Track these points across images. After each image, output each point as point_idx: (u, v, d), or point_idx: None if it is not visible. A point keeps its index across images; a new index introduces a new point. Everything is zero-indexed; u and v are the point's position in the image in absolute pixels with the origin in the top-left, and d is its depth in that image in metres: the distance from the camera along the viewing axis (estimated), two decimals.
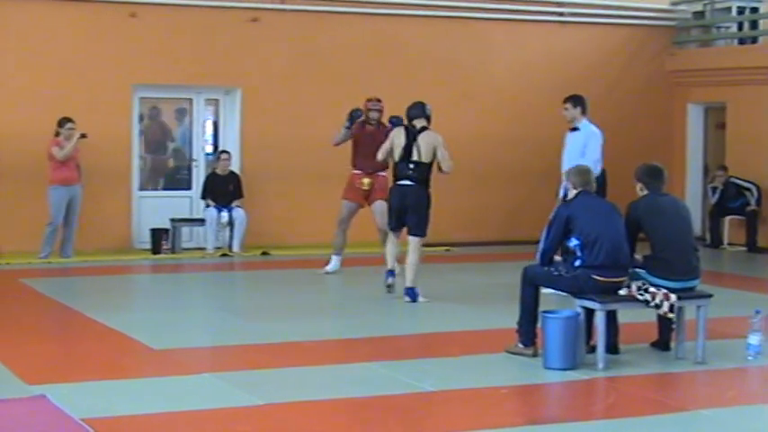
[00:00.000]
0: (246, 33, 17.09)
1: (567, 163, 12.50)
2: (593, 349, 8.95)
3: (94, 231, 16.14)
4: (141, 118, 17.10)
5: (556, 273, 8.97)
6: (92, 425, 6.81)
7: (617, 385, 8.42)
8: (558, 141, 18.48)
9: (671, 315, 8.91)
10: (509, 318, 9.56)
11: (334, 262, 14.15)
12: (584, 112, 12.82)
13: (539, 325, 9.06)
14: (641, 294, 8.87)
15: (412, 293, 12.05)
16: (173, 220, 16.50)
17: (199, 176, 17.28)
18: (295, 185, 17.17)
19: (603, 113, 19.09)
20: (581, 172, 9.31)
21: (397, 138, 12.29)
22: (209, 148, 17.65)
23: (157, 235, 16.28)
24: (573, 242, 8.91)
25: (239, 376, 8.53)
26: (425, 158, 12.15)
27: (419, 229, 12.16)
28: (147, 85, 16.83)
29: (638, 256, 9.22)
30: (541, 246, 9.11)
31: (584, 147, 12.56)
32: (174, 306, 12.13)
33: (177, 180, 17.66)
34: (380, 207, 13.47)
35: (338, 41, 17.66)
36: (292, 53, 17.41)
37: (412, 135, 12.20)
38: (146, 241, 16.55)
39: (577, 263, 8.89)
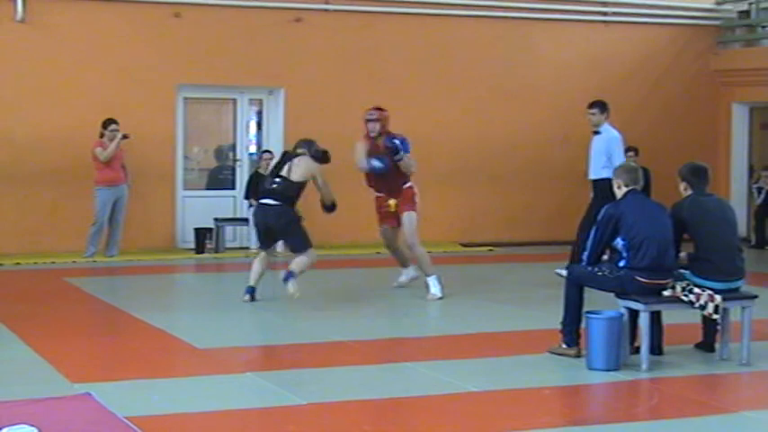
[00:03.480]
0: (290, 33, 17.13)
1: (593, 166, 13.46)
2: (636, 350, 8.91)
3: (139, 231, 16.25)
4: None
5: (600, 273, 8.93)
6: (136, 423, 6.84)
7: (660, 386, 8.37)
8: None
9: (715, 316, 8.86)
10: (552, 318, 9.53)
11: (405, 273, 13.09)
12: (607, 117, 13.54)
13: (582, 325, 9.03)
14: (686, 295, 8.81)
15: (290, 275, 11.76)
16: (216, 220, 16.58)
17: (243, 176, 17.35)
18: (338, 184, 17.07)
19: (647, 113, 19.11)
20: (629, 170, 9.22)
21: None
22: (253, 148, 17.72)
23: (201, 234, 16.37)
24: (619, 243, 8.87)
25: (282, 376, 8.55)
26: (295, 177, 11.97)
27: (300, 247, 12.00)
28: (191, 85, 16.91)
29: (682, 254, 9.15)
30: (588, 246, 9.05)
31: (606, 150, 13.30)
32: (217, 305, 12.17)
33: (221, 180, 17.75)
34: (406, 219, 12.46)
35: (381, 42, 17.68)
36: (336, 53, 17.44)
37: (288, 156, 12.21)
38: (190, 241, 16.65)
39: (622, 263, 8.86)
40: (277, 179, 11.94)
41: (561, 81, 18.79)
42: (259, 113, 17.80)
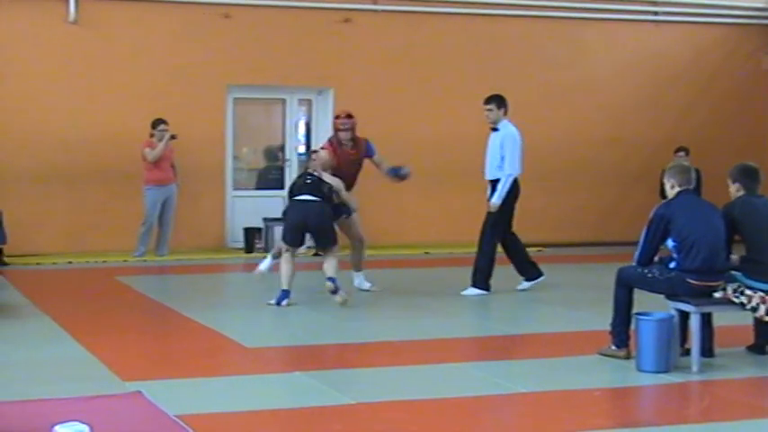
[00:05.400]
0: (339, 34, 17.17)
1: (489, 165, 12.68)
2: (687, 352, 8.85)
3: (189, 230, 16.35)
4: None
5: (650, 275, 8.87)
6: (186, 421, 6.88)
7: (711, 389, 8.31)
8: (653, 142, 18.46)
9: (767, 318, 8.78)
10: (602, 319, 9.48)
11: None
12: (505, 113, 12.71)
13: (632, 327, 8.98)
14: (737, 297, 8.74)
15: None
16: (266, 220, 16.63)
17: (291, 176, 17.39)
18: (386, 185, 17.14)
19: (698, 113, 18.99)
20: (682, 170, 9.13)
21: None
22: (302, 148, 17.78)
23: (251, 234, 16.43)
24: (670, 244, 8.81)
25: (330, 375, 8.56)
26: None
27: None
28: (242, 85, 16.99)
29: (734, 256, 9.07)
30: (640, 247, 8.98)
31: (501, 147, 12.54)
32: (266, 305, 12.20)
33: (270, 180, 17.80)
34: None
35: (430, 41, 17.67)
36: (384, 53, 17.46)
37: None
38: (239, 240, 16.72)
39: (672, 265, 8.80)
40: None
41: (611, 81, 18.70)
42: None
